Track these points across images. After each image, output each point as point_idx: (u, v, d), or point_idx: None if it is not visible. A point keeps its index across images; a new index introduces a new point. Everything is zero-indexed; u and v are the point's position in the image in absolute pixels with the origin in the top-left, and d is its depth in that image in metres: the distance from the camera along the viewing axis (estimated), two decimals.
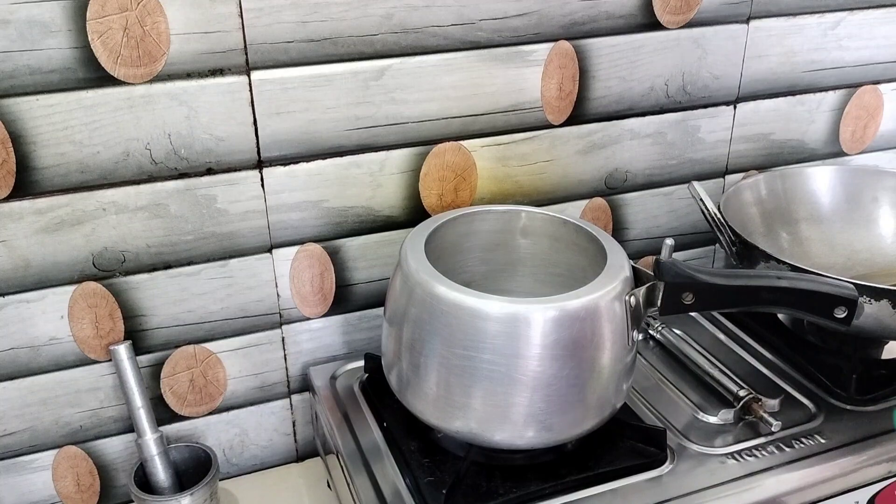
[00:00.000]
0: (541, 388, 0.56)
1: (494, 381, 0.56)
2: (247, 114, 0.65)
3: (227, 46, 0.62)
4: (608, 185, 0.81)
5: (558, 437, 0.59)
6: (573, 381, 0.57)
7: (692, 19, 0.77)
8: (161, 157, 0.63)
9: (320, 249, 0.72)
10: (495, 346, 0.55)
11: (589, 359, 0.57)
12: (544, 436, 0.58)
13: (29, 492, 0.71)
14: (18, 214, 0.61)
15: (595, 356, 0.57)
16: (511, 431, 0.58)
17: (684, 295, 0.59)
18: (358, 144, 0.69)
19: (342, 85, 0.66)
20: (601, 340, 0.57)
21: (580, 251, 0.66)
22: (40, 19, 0.57)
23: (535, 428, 0.57)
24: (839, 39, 0.85)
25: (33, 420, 0.68)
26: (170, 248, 0.67)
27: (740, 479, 0.62)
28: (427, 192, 0.74)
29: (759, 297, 0.60)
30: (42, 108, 0.59)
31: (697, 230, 0.88)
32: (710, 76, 0.80)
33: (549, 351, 0.55)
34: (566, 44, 0.73)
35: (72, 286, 0.65)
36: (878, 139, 0.93)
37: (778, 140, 0.88)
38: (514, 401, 0.56)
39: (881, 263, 0.84)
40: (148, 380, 0.70)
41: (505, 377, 0.56)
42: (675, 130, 0.81)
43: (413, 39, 0.67)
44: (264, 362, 0.74)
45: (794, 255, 0.81)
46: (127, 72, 0.60)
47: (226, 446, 0.76)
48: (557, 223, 0.68)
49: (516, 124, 0.74)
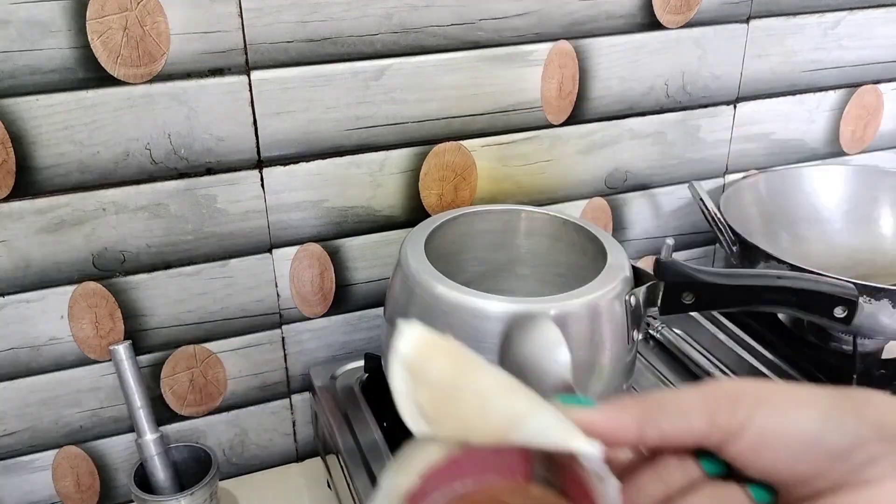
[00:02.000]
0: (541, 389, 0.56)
1: None
2: (247, 114, 0.65)
3: (227, 46, 0.62)
4: (608, 184, 0.81)
5: None
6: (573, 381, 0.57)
7: (692, 19, 0.77)
8: (161, 157, 0.63)
9: (320, 249, 0.72)
10: (495, 346, 0.55)
11: (589, 359, 0.57)
12: None
13: (29, 492, 0.71)
14: (18, 214, 0.61)
15: (595, 356, 0.57)
16: None
17: (684, 295, 0.59)
18: (358, 144, 0.69)
19: (342, 85, 0.66)
20: (601, 340, 0.57)
21: (580, 251, 0.66)
22: (40, 19, 0.57)
23: None
24: (839, 39, 0.85)
25: (33, 420, 0.68)
26: (170, 247, 0.66)
27: None
28: (427, 192, 0.74)
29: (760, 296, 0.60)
30: (42, 108, 0.59)
31: (697, 230, 0.88)
32: (710, 76, 0.80)
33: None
34: (566, 44, 0.73)
35: (72, 286, 0.65)
36: (878, 139, 0.93)
37: (778, 140, 0.87)
38: None
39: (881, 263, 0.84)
40: (148, 380, 0.70)
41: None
42: (675, 130, 0.81)
43: (413, 39, 0.67)
44: (264, 362, 0.74)
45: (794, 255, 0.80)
46: (127, 72, 0.60)
47: (226, 446, 0.76)
48: (557, 223, 0.68)
49: (516, 124, 0.74)
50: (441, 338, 0.27)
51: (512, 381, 0.28)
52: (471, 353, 0.27)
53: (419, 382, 0.27)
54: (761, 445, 0.30)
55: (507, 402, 0.27)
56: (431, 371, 0.27)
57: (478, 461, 0.29)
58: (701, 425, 0.30)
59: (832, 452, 0.29)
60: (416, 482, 0.27)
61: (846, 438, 0.29)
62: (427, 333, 0.27)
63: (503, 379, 0.28)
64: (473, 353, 0.27)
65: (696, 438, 0.30)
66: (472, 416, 0.27)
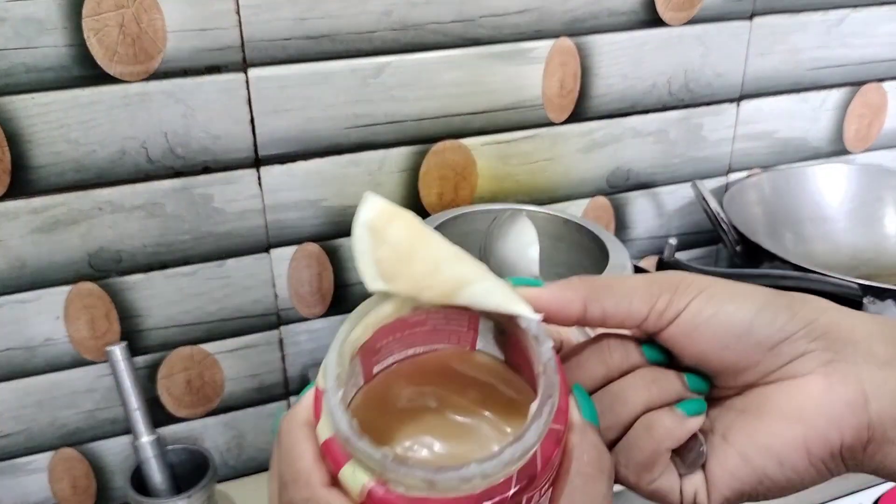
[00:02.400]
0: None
1: None
2: (244, 112, 0.64)
3: (225, 43, 0.61)
4: (610, 183, 0.81)
5: None
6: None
7: (695, 16, 0.76)
8: (157, 156, 0.63)
9: (318, 249, 0.71)
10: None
11: None
12: None
13: (25, 494, 0.70)
14: (14, 214, 0.61)
15: None
16: None
17: None
18: (357, 143, 0.68)
19: (340, 82, 0.66)
20: None
21: (582, 250, 0.66)
22: (36, 17, 0.56)
23: None
24: (843, 37, 0.84)
25: (29, 422, 0.68)
26: (166, 247, 0.66)
27: None
28: (427, 191, 0.73)
29: None
30: (37, 106, 0.58)
31: (700, 229, 0.87)
32: (713, 73, 0.80)
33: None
34: (567, 41, 0.72)
35: (67, 286, 0.64)
36: (882, 137, 0.92)
37: (781, 138, 0.87)
38: None
39: (886, 263, 0.83)
40: (144, 381, 0.70)
41: None
42: (677, 128, 0.81)
43: (412, 36, 0.66)
44: (262, 363, 0.73)
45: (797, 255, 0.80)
46: (123, 69, 0.59)
47: (223, 448, 0.76)
48: (559, 222, 0.68)
49: (517, 122, 0.74)
50: (401, 209, 0.29)
51: (465, 253, 0.30)
52: (427, 226, 0.29)
53: (379, 242, 0.29)
54: (694, 331, 0.30)
55: (457, 266, 0.29)
56: (391, 233, 0.29)
57: (428, 327, 0.31)
58: (641, 308, 0.31)
59: (762, 345, 0.30)
60: (369, 334, 0.29)
61: (777, 332, 0.30)
62: (388, 204, 0.29)
63: (456, 249, 0.29)
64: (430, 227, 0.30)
65: (635, 321, 0.31)
66: (424, 276, 0.28)
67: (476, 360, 0.32)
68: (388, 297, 0.29)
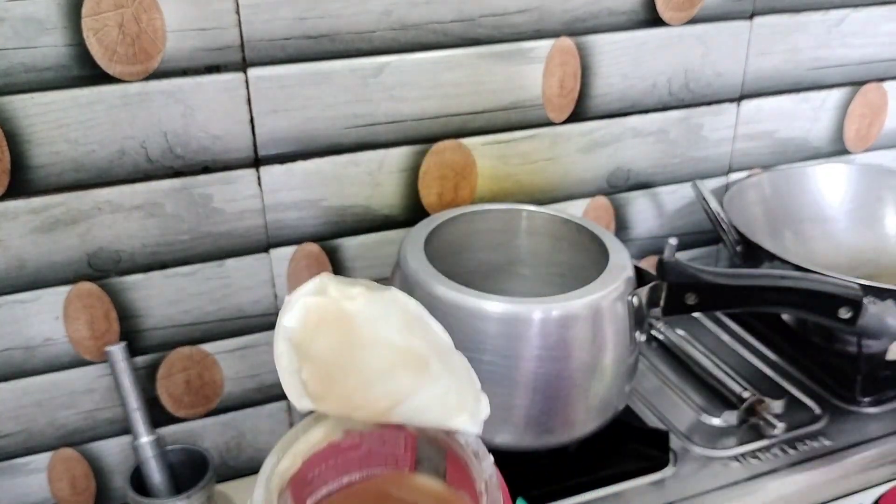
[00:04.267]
0: (542, 390, 0.55)
1: (494, 382, 0.55)
2: (244, 111, 0.64)
3: (224, 43, 0.61)
4: (610, 183, 0.81)
5: (559, 440, 0.59)
6: (575, 382, 0.56)
7: (695, 16, 0.76)
8: (157, 156, 0.63)
9: (318, 249, 0.71)
10: (495, 346, 0.54)
11: (591, 360, 0.56)
12: (545, 438, 0.58)
13: (24, 494, 0.70)
14: (13, 214, 0.61)
15: (597, 357, 0.57)
16: (511, 433, 0.57)
17: (687, 295, 0.58)
18: (356, 142, 0.68)
19: (340, 82, 0.66)
20: (603, 341, 0.56)
21: (582, 251, 0.66)
22: (35, 16, 0.56)
23: (535, 430, 0.57)
24: (843, 36, 0.84)
25: (28, 422, 0.68)
26: (166, 247, 0.66)
27: (744, 482, 0.61)
28: (426, 191, 0.73)
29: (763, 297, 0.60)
30: (37, 106, 0.58)
31: (701, 229, 0.87)
32: (713, 73, 0.79)
33: (550, 352, 0.55)
34: (567, 40, 0.72)
35: (67, 286, 0.64)
36: (882, 137, 0.92)
37: (782, 138, 0.87)
38: (514, 402, 0.56)
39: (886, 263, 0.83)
40: (144, 381, 0.69)
41: (505, 378, 0.55)
42: (677, 128, 0.81)
43: (412, 36, 0.66)
44: (262, 363, 0.73)
45: (798, 255, 0.80)
46: (122, 69, 0.59)
47: (223, 449, 0.76)
48: (559, 222, 0.68)
49: (517, 122, 0.74)
50: (334, 303, 0.26)
51: (407, 351, 0.27)
52: (367, 316, 0.26)
53: (304, 358, 0.26)
54: None
55: (390, 381, 0.26)
56: (316, 349, 0.26)
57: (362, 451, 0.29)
58: None
59: None
60: (298, 465, 0.27)
61: None
62: (318, 302, 0.26)
63: (396, 349, 0.26)
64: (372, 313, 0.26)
65: None
66: (354, 393, 0.26)
67: (415, 483, 0.30)
68: (319, 419, 0.26)
